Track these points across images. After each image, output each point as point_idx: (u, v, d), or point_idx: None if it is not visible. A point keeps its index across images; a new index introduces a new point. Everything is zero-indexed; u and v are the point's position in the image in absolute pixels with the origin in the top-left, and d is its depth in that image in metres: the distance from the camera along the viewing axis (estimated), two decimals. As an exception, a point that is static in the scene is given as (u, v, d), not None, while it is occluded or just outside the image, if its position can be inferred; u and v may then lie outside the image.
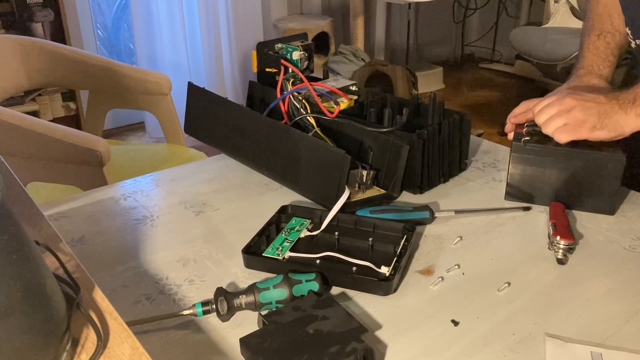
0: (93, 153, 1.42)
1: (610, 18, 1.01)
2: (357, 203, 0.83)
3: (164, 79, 1.86)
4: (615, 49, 0.99)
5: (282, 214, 0.81)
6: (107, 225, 0.83)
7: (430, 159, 0.89)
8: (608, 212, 0.84)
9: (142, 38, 3.00)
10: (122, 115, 3.10)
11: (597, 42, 0.99)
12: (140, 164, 1.84)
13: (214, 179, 0.96)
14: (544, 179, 0.85)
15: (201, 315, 0.62)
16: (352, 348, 0.55)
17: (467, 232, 0.80)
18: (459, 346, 0.59)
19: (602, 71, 0.96)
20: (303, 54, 1.02)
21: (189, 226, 0.82)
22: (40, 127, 1.44)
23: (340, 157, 0.79)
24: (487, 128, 3.21)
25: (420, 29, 4.17)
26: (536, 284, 0.69)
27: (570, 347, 0.58)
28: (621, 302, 0.66)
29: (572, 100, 0.82)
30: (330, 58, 3.18)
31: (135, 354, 0.45)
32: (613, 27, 1.00)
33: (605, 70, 0.97)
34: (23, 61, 1.82)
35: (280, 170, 0.90)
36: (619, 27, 1.00)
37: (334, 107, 0.94)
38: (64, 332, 0.44)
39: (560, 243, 0.73)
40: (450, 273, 0.71)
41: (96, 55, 1.94)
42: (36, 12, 2.61)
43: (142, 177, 0.97)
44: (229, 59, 3.26)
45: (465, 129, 0.95)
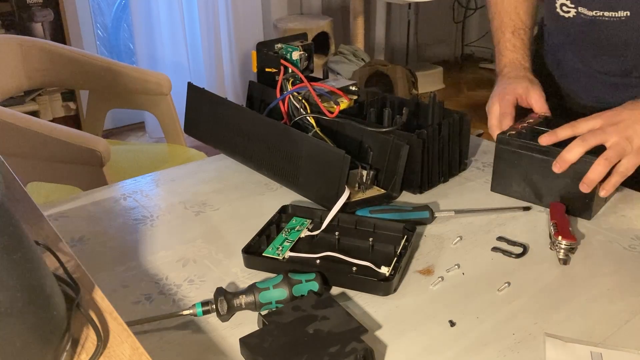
0: (93, 153, 1.42)
1: (518, 14, 1.04)
2: (357, 203, 0.83)
3: (164, 79, 1.86)
4: (529, 43, 1.03)
5: (282, 213, 0.81)
6: (107, 225, 0.82)
7: (430, 159, 0.89)
8: (585, 216, 0.82)
9: (142, 38, 3.00)
10: (122, 115, 3.10)
11: (513, 40, 1.03)
12: (140, 164, 1.84)
13: (214, 179, 0.96)
14: (526, 174, 0.86)
15: (201, 315, 0.62)
16: (352, 348, 0.55)
17: (467, 232, 0.80)
18: (459, 346, 0.59)
19: (525, 64, 1.01)
20: (303, 54, 1.02)
21: (188, 226, 0.82)
22: (41, 127, 1.44)
23: (340, 157, 0.79)
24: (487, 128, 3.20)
25: (420, 29, 4.17)
26: (536, 284, 0.69)
27: (570, 347, 0.58)
28: (621, 302, 0.65)
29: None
30: (330, 58, 3.18)
31: (135, 354, 0.45)
32: (522, 22, 1.04)
33: (527, 64, 1.01)
34: (23, 61, 1.82)
35: (280, 170, 0.90)
36: (527, 21, 1.04)
37: (333, 107, 0.94)
38: (64, 332, 0.44)
39: (562, 243, 0.72)
40: (450, 273, 0.71)
41: (96, 55, 1.94)
42: (36, 12, 2.61)
43: (142, 177, 0.97)
44: (229, 59, 3.26)
45: (465, 129, 0.95)
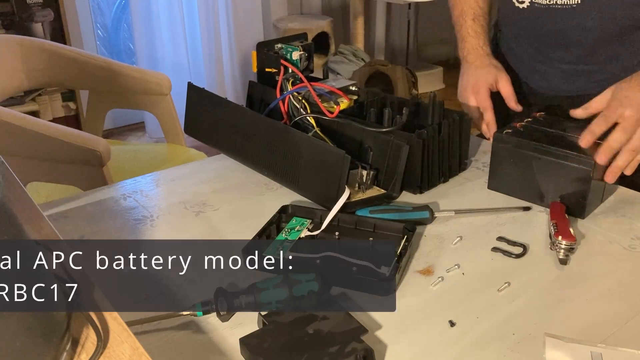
0: (93, 153, 1.42)
1: (477, 1, 1.08)
2: (357, 203, 0.83)
3: (164, 79, 1.86)
4: (488, 28, 1.07)
5: (283, 214, 0.81)
6: (107, 225, 0.82)
7: (430, 159, 0.89)
8: (579, 215, 0.83)
9: (142, 38, 3.00)
10: (122, 115, 3.10)
11: (474, 26, 1.07)
12: (140, 164, 1.84)
13: (214, 179, 0.96)
14: (522, 172, 0.86)
15: (201, 315, 0.62)
16: (352, 348, 0.55)
17: (467, 232, 0.80)
18: (459, 346, 0.59)
19: (487, 50, 1.05)
20: (303, 54, 1.02)
21: (188, 226, 0.82)
22: (40, 127, 1.44)
23: (340, 157, 0.79)
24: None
25: (420, 29, 4.16)
26: (536, 284, 0.69)
27: (570, 347, 0.58)
28: (621, 302, 0.65)
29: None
30: (330, 58, 3.17)
31: (135, 354, 0.45)
32: (481, 9, 1.08)
33: (488, 49, 1.06)
34: (23, 61, 1.82)
35: (280, 170, 0.90)
36: (484, 8, 1.08)
37: (333, 107, 0.94)
38: (64, 332, 0.44)
39: (562, 243, 0.72)
40: (450, 273, 0.71)
41: (96, 55, 1.94)
42: (36, 12, 2.61)
43: (142, 177, 0.97)
44: (229, 59, 3.26)
45: (465, 129, 0.94)
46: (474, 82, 1.02)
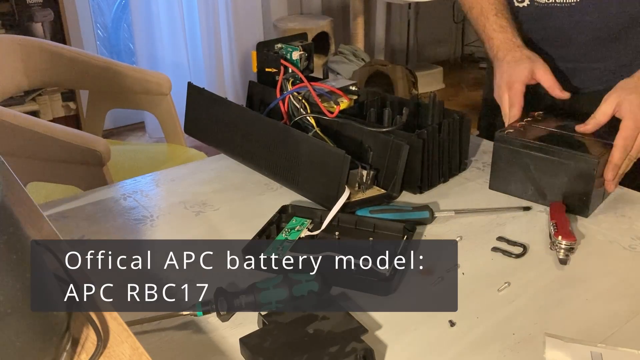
0: (93, 153, 1.42)
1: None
2: (357, 203, 0.83)
3: (164, 79, 1.86)
4: (513, 20, 1.01)
5: (283, 214, 0.81)
6: (107, 225, 0.82)
7: (430, 159, 0.89)
8: (582, 214, 0.83)
9: (142, 38, 3.00)
10: (122, 115, 3.10)
11: (499, 21, 1.00)
12: (140, 164, 1.84)
13: (214, 179, 0.96)
14: (524, 172, 0.86)
15: (201, 315, 0.62)
16: (352, 348, 0.55)
17: (467, 232, 0.80)
18: (459, 346, 0.59)
19: (517, 42, 0.97)
20: (303, 54, 1.02)
21: (188, 226, 0.82)
22: (40, 127, 1.44)
23: (340, 157, 0.79)
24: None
25: (420, 29, 4.16)
26: (536, 284, 0.69)
27: (570, 347, 0.58)
28: (621, 302, 0.65)
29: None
30: (330, 58, 3.18)
31: (135, 354, 0.45)
32: (501, 3, 1.02)
33: (519, 40, 0.98)
34: (23, 61, 1.82)
35: (280, 170, 0.90)
36: (504, 2, 1.03)
37: (333, 107, 0.94)
38: (64, 332, 0.44)
39: (562, 243, 0.72)
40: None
41: (96, 55, 1.94)
42: (36, 12, 2.61)
43: (142, 177, 0.97)
44: (229, 59, 3.26)
45: (465, 129, 0.94)
46: (507, 79, 0.94)
